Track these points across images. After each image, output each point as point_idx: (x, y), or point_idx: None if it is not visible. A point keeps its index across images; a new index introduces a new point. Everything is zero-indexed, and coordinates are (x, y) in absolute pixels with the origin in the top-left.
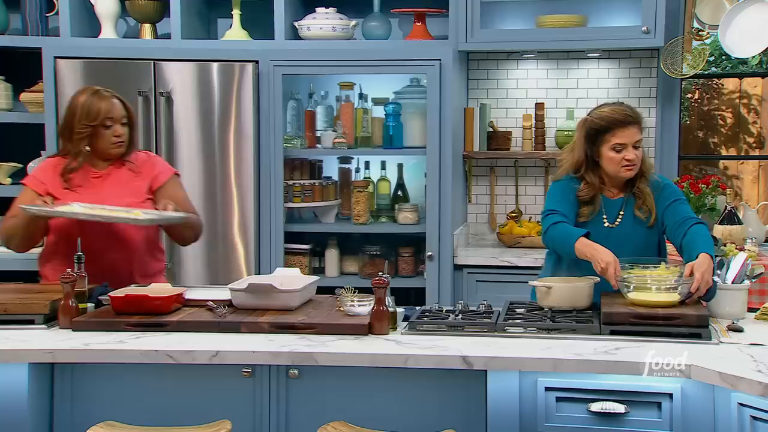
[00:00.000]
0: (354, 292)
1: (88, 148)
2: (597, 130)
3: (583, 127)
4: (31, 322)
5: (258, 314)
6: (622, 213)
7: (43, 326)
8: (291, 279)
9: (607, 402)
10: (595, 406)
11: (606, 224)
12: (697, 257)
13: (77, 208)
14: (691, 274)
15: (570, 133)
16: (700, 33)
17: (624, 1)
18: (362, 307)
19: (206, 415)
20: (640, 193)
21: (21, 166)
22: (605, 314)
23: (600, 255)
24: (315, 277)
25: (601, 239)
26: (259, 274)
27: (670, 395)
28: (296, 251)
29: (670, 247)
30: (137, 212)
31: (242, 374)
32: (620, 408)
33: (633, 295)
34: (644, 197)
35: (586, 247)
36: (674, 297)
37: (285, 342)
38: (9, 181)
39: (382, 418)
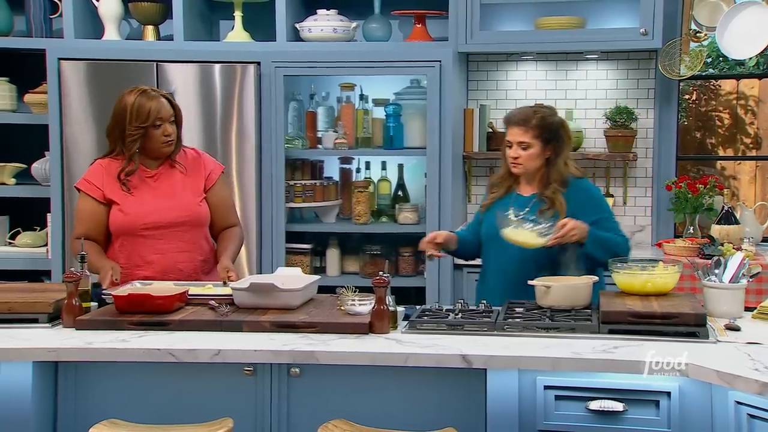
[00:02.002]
0: (355, 292)
1: (138, 150)
2: (504, 124)
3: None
4: (36, 320)
5: (260, 313)
6: (527, 209)
7: (47, 325)
8: (292, 278)
9: (606, 400)
10: (594, 405)
11: (510, 217)
12: None
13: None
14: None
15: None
16: (697, 35)
17: (622, 3)
18: (363, 307)
19: (208, 414)
20: (548, 199)
21: (25, 166)
22: (604, 313)
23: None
24: (316, 277)
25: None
26: (260, 273)
27: (668, 394)
28: (297, 251)
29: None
30: (209, 286)
31: (244, 373)
32: (618, 406)
33: (507, 232)
34: (552, 203)
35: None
36: (540, 241)
37: (286, 341)
38: (13, 181)
39: (382, 416)
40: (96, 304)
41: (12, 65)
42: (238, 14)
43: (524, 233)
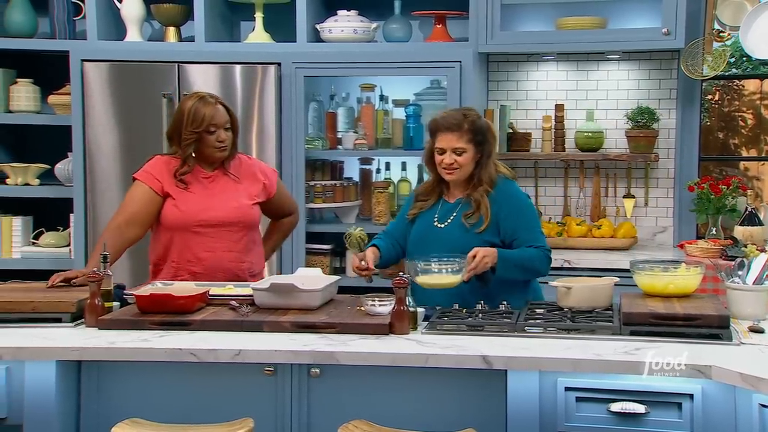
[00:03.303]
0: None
1: (194, 153)
2: (430, 130)
3: (427, 126)
4: (59, 320)
5: (280, 314)
6: (454, 215)
7: (70, 324)
8: (312, 279)
9: (628, 402)
10: (615, 407)
11: (436, 224)
12: None
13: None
14: (474, 257)
15: (590, 134)
16: (720, 34)
17: (644, 2)
18: (383, 307)
19: (229, 413)
20: (474, 201)
21: (48, 167)
22: (625, 314)
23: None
24: (336, 277)
25: (430, 238)
26: (281, 273)
27: (691, 396)
28: (317, 251)
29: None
30: (230, 287)
31: (264, 373)
32: (640, 408)
33: (419, 278)
34: (478, 205)
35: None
36: (456, 279)
37: (306, 341)
38: (37, 182)
39: (402, 417)
40: (118, 303)
41: (36, 67)
42: (258, 15)
43: (437, 276)
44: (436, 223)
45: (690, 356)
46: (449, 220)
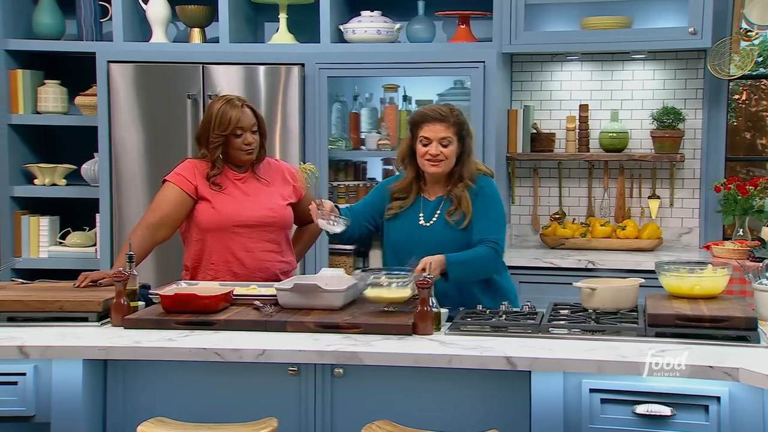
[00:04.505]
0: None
1: (221, 156)
2: (413, 123)
3: (407, 120)
4: (85, 319)
5: (303, 314)
6: (438, 212)
7: (97, 324)
8: (336, 279)
9: (653, 404)
10: (641, 409)
11: (421, 222)
12: None
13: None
14: (423, 269)
15: (615, 134)
16: (748, 33)
17: (670, 1)
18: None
19: (253, 413)
20: (455, 197)
21: (75, 167)
22: (650, 316)
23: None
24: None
25: (417, 237)
26: (304, 274)
27: (718, 398)
28: (341, 252)
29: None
30: (254, 287)
31: (288, 373)
32: (666, 411)
33: (368, 292)
34: (459, 201)
35: None
36: (405, 293)
37: (330, 341)
38: (64, 182)
39: (426, 417)
40: (143, 303)
41: (63, 68)
42: (282, 16)
43: (387, 291)
44: (421, 222)
45: (717, 359)
46: (434, 219)
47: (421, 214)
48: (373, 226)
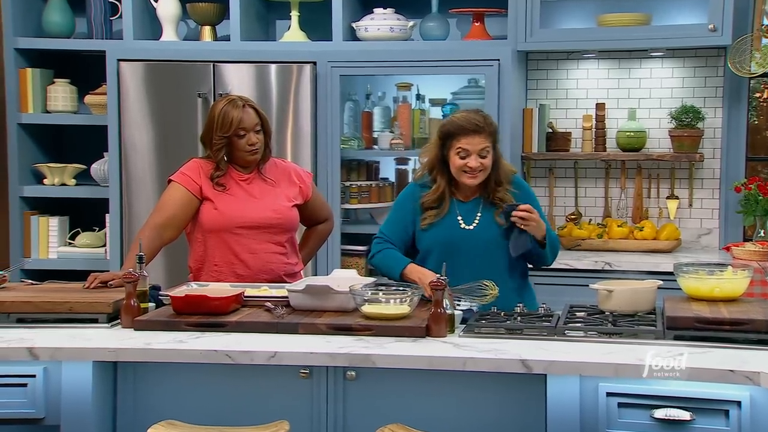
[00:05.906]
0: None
1: (225, 157)
2: (446, 134)
3: (438, 129)
4: (95, 321)
5: (315, 315)
6: (479, 215)
7: (107, 325)
8: (348, 280)
9: (672, 409)
10: (659, 413)
11: (462, 226)
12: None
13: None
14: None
15: (632, 134)
16: None
17: None
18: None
19: (264, 416)
20: (500, 201)
21: (84, 167)
22: (669, 318)
23: (428, 279)
24: (372, 279)
25: (458, 240)
26: (316, 275)
27: (738, 403)
28: (353, 252)
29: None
30: (265, 288)
31: (300, 375)
32: (685, 415)
33: (365, 308)
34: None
35: (413, 273)
36: (404, 309)
37: (342, 343)
38: (74, 182)
39: (439, 421)
40: (153, 304)
41: (73, 67)
42: (294, 14)
43: (386, 306)
44: (462, 226)
45: (737, 362)
46: (476, 222)
47: (459, 218)
48: (411, 240)
